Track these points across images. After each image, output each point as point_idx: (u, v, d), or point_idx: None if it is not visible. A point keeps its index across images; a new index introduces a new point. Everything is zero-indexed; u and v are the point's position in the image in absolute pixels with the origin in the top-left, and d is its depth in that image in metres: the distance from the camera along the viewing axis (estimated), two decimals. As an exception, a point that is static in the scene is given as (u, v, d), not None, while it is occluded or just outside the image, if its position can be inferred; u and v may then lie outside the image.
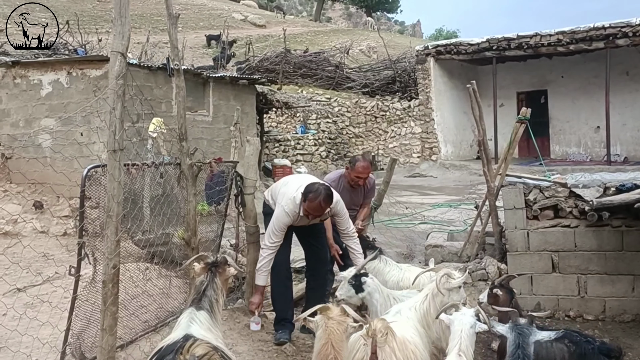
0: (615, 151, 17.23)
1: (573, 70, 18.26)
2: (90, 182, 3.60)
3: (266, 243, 4.53)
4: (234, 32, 29.41)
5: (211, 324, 3.06)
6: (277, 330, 4.72)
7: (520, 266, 5.87)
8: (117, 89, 3.12)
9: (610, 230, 5.61)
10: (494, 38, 16.94)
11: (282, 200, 4.56)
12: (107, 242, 3.18)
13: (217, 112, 12.19)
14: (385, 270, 4.85)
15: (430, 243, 7.05)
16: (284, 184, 4.80)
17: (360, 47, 31.94)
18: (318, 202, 4.30)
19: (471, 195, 12.47)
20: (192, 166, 4.38)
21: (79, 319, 3.71)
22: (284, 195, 4.59)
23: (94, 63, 9.81)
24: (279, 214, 4.50)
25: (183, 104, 4.30)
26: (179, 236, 4.84)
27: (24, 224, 8.35)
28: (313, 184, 4.42)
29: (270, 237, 4.50)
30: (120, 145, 3.17)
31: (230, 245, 6.80)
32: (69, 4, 29.64)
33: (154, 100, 10.18)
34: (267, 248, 4.51)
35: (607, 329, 5.44)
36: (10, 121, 10.53)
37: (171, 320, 4.52)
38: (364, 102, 19.97)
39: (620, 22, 14.97)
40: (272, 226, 4.52)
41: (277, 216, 4.51)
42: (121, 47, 3.13)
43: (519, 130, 6.22)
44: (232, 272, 3.36)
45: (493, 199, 6.28)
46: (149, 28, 24.67)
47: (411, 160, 18.79)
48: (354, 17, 66.10)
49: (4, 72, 10.58)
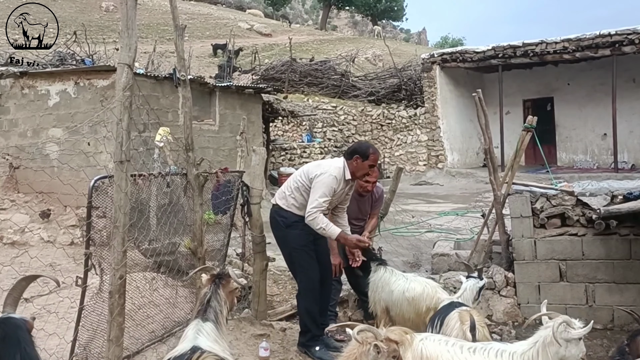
0: (623, 158, 17.16)
1: (579, 77, 18.22)
2: (97, 193, 3.62)
3: (319, 206, 4.34)
4: (240, 41, 29.54)
5: (218, 335, 3.06)
6: (315, 347, 4.64)
7: (528, 275, 5.85)
8: (124, 100, 3.15)
9: (618, 238, 5.58)
10: (500, 46, 16.94)
11: (321, 170, 4.48)
12: (114, 253, 3.19)
13: (223, 121, 12.23)
14: (391, 280, 4.82)
15: (436, 252, 7.04)
16: (308, 169, 4.65)
17: (365, 55, 32.02)
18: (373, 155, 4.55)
19: (478, 203, 12.44)
20: (199, 176, 4.39)
21: (85, 330, 3.71)
22: (321, 166, 4.56)
23: (101, 73, 9.87)
24: (328, 181, 4.40)
25: (189, 115, 4.32)
26: (186, 246, 4.85)
27: (31, 233, 8.39)
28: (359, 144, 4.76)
29: (321, 204, 4.35)
30: (127, 156, 3.19)
31: (236, 254, 6.81)
32: (76, 15, 29.90)
33: (160, 110, 10.23)
34: (321, 211, 4.36)
35: (616, 338, 5.39)
36: (18, 131, 10.60)
37: (177, 330, 4.52)
38: (370, 111, 19.99)
39: (626, 29, 14.94)
40: (320, 192, 4.37)
41: (324, 183, 4.39)
42: (128, 59, 3.16)
43: (525, 138, 6.21)
44: (235, 284, 3.36)
45: (500, 208, 6.27)
46: (156, 37, 24.81)
47: (417, 168, 18.77)
48: (360, 25, 66.31)
49: (12, 83, 10.66)
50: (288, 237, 4.62)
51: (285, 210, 4.62)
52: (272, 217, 4.76)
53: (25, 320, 2.41)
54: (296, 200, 4.57)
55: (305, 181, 4.52)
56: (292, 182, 4.67)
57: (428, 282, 4.81)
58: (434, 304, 4.44)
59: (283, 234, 4.66)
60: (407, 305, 4.64)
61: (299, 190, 4.55)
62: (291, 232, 4.58)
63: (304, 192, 4.52)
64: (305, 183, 4.52)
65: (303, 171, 4.65)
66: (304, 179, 4.54)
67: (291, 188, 4.63)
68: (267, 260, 5.36)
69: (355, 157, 4.53)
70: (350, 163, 4.56)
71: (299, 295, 4.76)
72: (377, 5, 53.28)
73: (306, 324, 4.69)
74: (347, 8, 57.15)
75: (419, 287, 4.63)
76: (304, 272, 4.63)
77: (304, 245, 4.58)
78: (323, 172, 4.45)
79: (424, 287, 4.66)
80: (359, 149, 4.62)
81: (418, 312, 4.58)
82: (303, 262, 4.60)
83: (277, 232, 4.73)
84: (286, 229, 4.60)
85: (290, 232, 4.58)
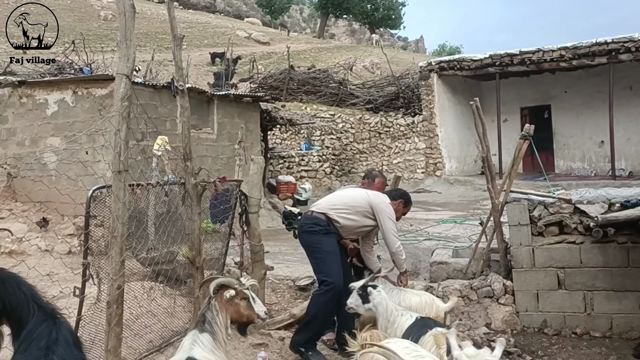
0: (620, 166, 17.19)
1: (576, 85, 18.28)
2: (95, 202, 3.62)
3: (396, 235, 4.85)
4: (238, 49, 29.61)
5: (214, 346, 3.06)
6: (309, 352, 4.68)
7: (526, 283, 5.85)
8: (122, 110, 3.15)
9: (616, 246, 5.58)
10: (497, 54, 16.99)
11: (381, 199, 4.89)
12: (112, 263, 3.19)
13: (221, 130, 12.24)
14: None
15: (435, 260, 7.02)
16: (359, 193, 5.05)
17: (363, 63, 32.12)
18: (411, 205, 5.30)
19: (476, 210, 12.44)
20: (197, 185, 4.39)
21: (83, 340, 3.70)
22: (378, 195, 4.96)
23: (99, 82, 9.88)
24: (390, 211, 4.84)
25: (187, 124, 4.32)
26: (184, 255, 4.85)
27: (29, 243, 8.37)
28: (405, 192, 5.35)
29: (396, 232, 4.87)
30: (125, 166, 3.19)
31: (235, 263, 6.79)
32: (75, 24, 29.96)
33: (158, 119, 10.23)
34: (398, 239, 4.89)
35: (615, 346, 5.39)
36: (16, 140, 10.60)
37: (175, 340, 4.50)
38: (368, 118, 20.01)
39: (623, 37, 14.99)
40: (392, 221, 4.84)
41: (390, 214, 4.83)
42: (126, 69, 3.16)
43: (522, 146, 6.22)
44: (231, 293, 3.34)
45: (498, 216, 6.27)
46: (154, 46, 24.91)
47: (415, 176, 18.78)
48: (358, 33, 66.59)
49: (11, 92, 10.67)
50: (322, 242, 4.81)
51: (329, 220, 4.86)
52: (309, 223, 4.92)
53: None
54: (351, 217, 4.87)
55: (367, 205, 4.87)
56: (350, 199, 4.96)
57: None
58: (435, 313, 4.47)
59: (317, 239, 4.83)
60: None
61: (361, 214, 4.87)
62: (326, 238, 4.81)
63: (362, 216, 4.86)
64: (366, 207, 4.87)
65: (362, 195, 4.99)
66: (366, 203, 4.88)
67: (348, 205, 4.90)
68: (265, 269, 5.36)
69: (401, 201, 5.09)
70: (395, 204, 4.98)
71: (318, 294, 4.78)
72: (375, 14, 53.46)
73: (313, 323, 4.74)
74: (345, 16, 57.42)
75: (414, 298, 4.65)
76: (332, 274, 4.71)
77: (336, 251, 4.84)
78: (385, 201, 4.89)
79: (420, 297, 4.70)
80: (405, 196, 5.20)
81: None
82: (333, 266, 4.74)
83: (311, 237, 4.87)
84: (323, 235, 4.81)
85: (325, 238, 4.81)
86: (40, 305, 2.61)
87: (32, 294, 2.65)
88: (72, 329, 2.78)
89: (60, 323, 2.57)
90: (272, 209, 12.88)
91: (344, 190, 5.53)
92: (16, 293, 2.61)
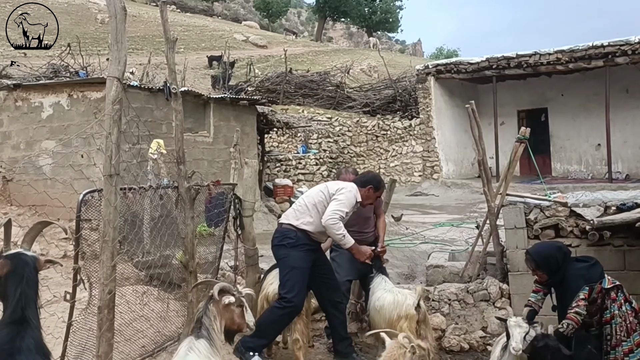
0: (617, 168, 17.19)
1: (573, 88, 18.29)
2: (87, 206, 3.59)
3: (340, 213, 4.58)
4: (235, 52, 29.62)
5: (211, 352, 3.03)
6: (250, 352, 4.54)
7: (522, 286, 5.82)
8: (113, 114, 3.13)
9: (611, 249, 5.56)
10: (494, 57, 17.00)
11: (342, 185, 4.81)
12: (103, 268, 3.16)
13: (217, 133, 12.20)
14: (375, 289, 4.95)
15: (431, 263, 7.00)
16: (326, 186, 4.92)
17: (361, 66, 32.15)
18: (383, 189, 5.21)
19: (473, 213, 12.42)
20: (190, 189, 4.36)
21: (74, 346, 3.67)
22: (339, 184, 4.88)
23: (94, 85, 9.86)
24: (350, 197, 4.69)
25: (181, 128, 4.30)
26: (179, 259, 4.82)
27: (24, 246, 8.31)
28: (373, 176, 5.20)
29: (342, 212, 4.60)
30: (117, 169, 3.17)
31: (229, 267, 6.76)
32: (72, 27, 29.91)
33: (154, 122, 10.20)
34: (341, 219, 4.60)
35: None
36: (12, 144, 10.56)
37: (169, 345, 4.47)
38: (365, 122, 20.01)
39: (619, 41, 15.01)
40: (342, 203, 4.63)
41: (347, 196, 4.68)
42: (117, 72, 3.14)
43: (518, 150, 6.21)
44: (230, 300, 3.31)
45: (494, 219, 6.25)
46: (151, 49, 24.87)
47: (412, 179, 18.76)
48: (355, 36, 66.69)
49: (6, 95, 10.64)
50: (289, 256, 4.65)
51: (297, 230, 4.68)
52: (278, 236, 4.78)
53: (36, 258, 2.69)
54: (312, 217, 4.68)
55: (327, 196, 4.72)
56: (309, 198, 4.80)
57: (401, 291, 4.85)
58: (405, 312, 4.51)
59: (284, 253, 4.69)
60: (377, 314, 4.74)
61: (320, 205, 4.70)
62: (294, 252, 4.64)
63: (322, 209, 4.67)
64: (326, 198, 4.71)
65: (321, 189, 4.87)
66: (325, 195, 4.74)
67: (307, 206, 4.75)
68: (259, 273, 5.33)
69: (369, 187, 4.93)
70: (362, 190, 4.87)
71: (277, 307, 4.64)
72: (373, 17, 53.58)
73: (263, 331, 4.56)
74: (343, 20, 57.49)
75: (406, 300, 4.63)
76: (293, 291, 4.59)
77: (302, 266, 4.64)
78: (345, 187, 4.75)
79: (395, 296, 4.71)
80: (373, 181, 5.03)
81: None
82: (297, 283, 4.60)
83: (279, 250, 4.74)
84: (290, 249, 4.65)
85: (292, 252, 4.64)
86: (14, 309, 2.61)
87: (25, 293, 2.66)
88: (38, 337, 2.74)
89: (25, 329, 2.56)
90: (269, 213, 12.84)
91: (306, 192, 5.41)
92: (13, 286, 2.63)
